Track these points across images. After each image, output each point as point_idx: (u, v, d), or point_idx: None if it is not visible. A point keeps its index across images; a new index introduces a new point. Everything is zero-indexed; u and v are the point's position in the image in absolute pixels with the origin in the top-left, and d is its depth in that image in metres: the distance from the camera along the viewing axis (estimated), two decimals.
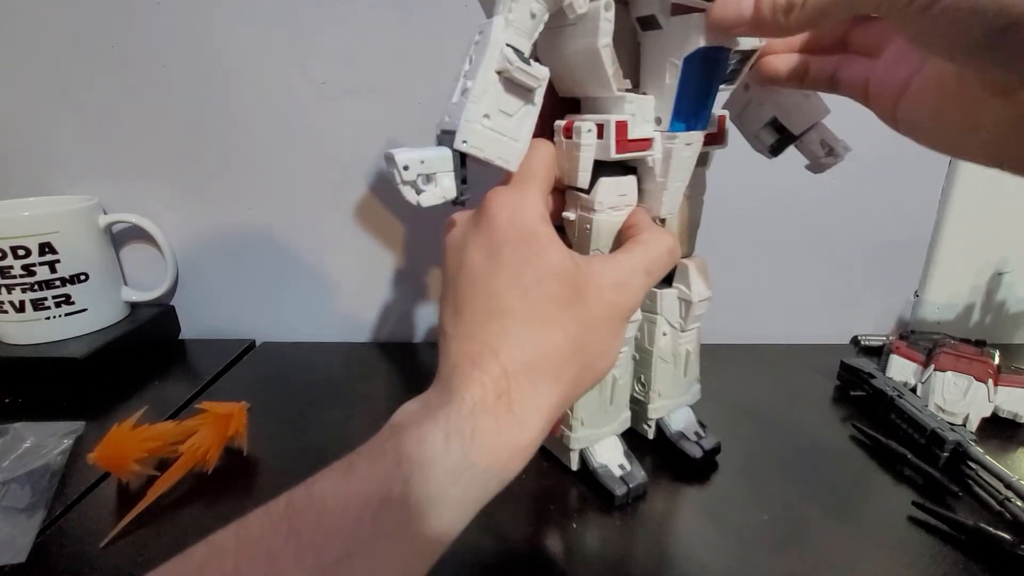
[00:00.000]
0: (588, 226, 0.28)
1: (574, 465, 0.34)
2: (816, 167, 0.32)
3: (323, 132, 0.50)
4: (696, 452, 0.35)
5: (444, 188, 0.23)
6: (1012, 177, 0.21)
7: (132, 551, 0.29)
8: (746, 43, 0.27)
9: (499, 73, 0.23)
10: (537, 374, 0.20)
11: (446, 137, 0.23)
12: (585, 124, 0.26)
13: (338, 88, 0.49)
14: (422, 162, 0.22)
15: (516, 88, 0.24)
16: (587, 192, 0.28)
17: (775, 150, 0.32)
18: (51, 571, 0.28)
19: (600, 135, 0.26)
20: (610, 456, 0.34)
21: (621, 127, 0.26)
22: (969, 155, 0.22)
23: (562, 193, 0.30)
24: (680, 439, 0.36)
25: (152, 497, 0.32)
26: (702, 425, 0.37)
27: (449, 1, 0.45)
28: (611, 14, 0.24)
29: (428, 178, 0.23)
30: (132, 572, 0.28)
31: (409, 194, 0.22)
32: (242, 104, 0.49)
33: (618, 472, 0.33)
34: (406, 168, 0.22)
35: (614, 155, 0.26)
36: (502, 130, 0.24)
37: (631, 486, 0.32)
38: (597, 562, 0.29)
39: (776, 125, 0.31)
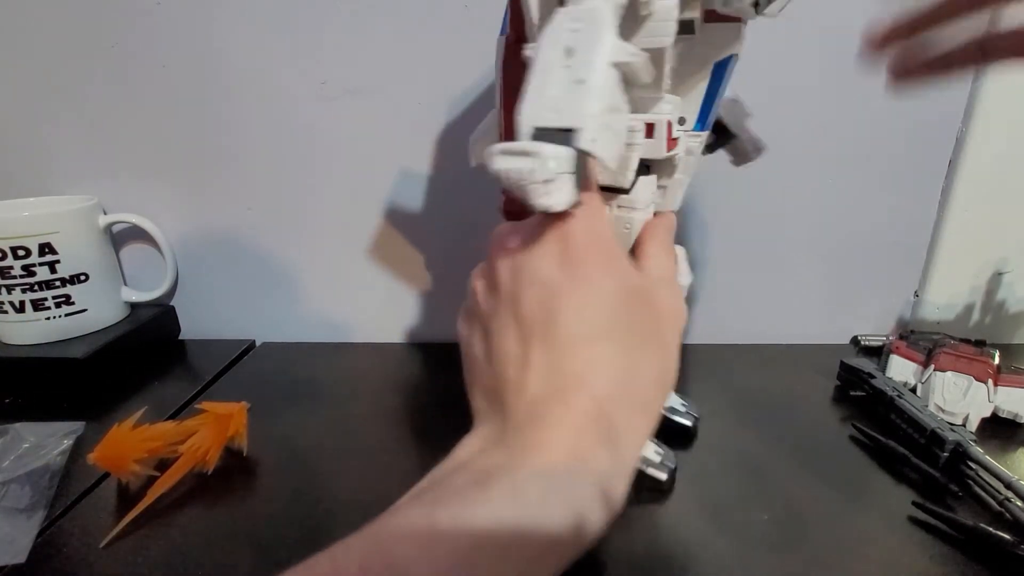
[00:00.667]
0: (628, 227, 0.27)
1: None
2: (741, 161, 0.34)
3: (323, 132, 0.50)
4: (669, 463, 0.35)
5: (566, 192, 0.20)
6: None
7: (132, 551, 0.29)
8: None
9: (616, 65, 0.21)
10: (631, 408, 0.18)
11: (561, 135, 0.20)
12: (635, 123, 0.25)
13: (338, 88, 0.49)
14: (559, 159, 0.19)
15: (622, 83, 0.22)
16: (627, 191, 0.27)
17: (710, 148, 0.34)
18: (51, 571, 0.28)
19: (649, 134, 0.26)
20: (645, 447, 0.34)
21: (669, 127, 0.26)
22: None
23: None
24: (671, 413, 0.37)
25: (152, 497, 0.32)
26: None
27: (450, 1, 0.45)
28: (677, 13, 0.23)
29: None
30: (132, 572, 0.28)
31: (542, 194, 0.19)
32: (242, 104, 0.49)
33: (656, 459, 0.34)
34: (554, 162, 0.19)
35: (665, 154, 0.26)
36: (615, 128, 0.22)
37: (671, 468, 0.33)
38: (596, 562, 0.29)
39: (718, 126, 0.33)
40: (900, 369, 0.45)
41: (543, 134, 0.20)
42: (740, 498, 0.33)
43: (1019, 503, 0.31)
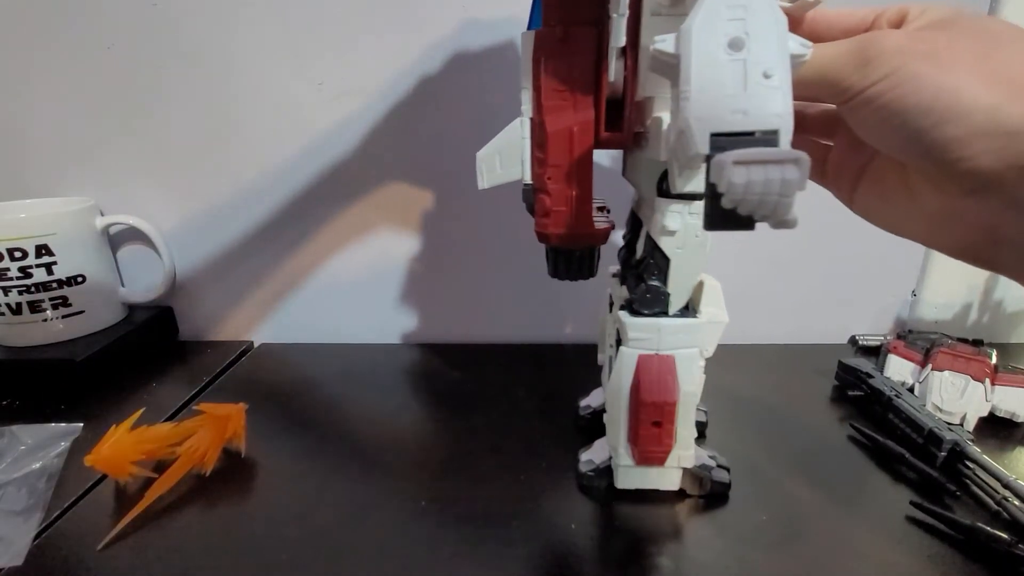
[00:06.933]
0: (699, 235, 0.27)
1: (679, 483, 0.33)
2: None
3: (321, 132, 0.50)
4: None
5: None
6: None
7: (130, 553, 0.29)
8: None
9: (792, 57, 0.18)
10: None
11: (768, 137, 0.17)
12: None
13: (336, 88, 0.49)
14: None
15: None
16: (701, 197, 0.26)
17: None
18: (48, 574, 0.28)
19: None
20: (699, 455, 0.33)
21: None
22: (914, 239, 0.23)
23: None
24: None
25: (150, 499, 0.32)
26: None
27: (448, 1, 0.45)
28: None
29: None
30: (130, 575, 0.28)
31: (792, 209, 0.18)
32: (240, 105, 0.49)
33: (712, 464, 0.34)
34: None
35: None
36: None
37: (729, 470, 0.33)
38: (596, 562, 0.29)
39: None
40: (898, 369, 0.45)
41: (724, 141, 0.17)
42: (739, 498, 0.33)
43: (1017, 502, 0.31)
